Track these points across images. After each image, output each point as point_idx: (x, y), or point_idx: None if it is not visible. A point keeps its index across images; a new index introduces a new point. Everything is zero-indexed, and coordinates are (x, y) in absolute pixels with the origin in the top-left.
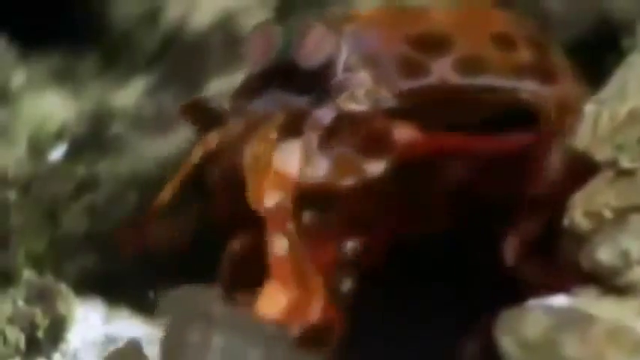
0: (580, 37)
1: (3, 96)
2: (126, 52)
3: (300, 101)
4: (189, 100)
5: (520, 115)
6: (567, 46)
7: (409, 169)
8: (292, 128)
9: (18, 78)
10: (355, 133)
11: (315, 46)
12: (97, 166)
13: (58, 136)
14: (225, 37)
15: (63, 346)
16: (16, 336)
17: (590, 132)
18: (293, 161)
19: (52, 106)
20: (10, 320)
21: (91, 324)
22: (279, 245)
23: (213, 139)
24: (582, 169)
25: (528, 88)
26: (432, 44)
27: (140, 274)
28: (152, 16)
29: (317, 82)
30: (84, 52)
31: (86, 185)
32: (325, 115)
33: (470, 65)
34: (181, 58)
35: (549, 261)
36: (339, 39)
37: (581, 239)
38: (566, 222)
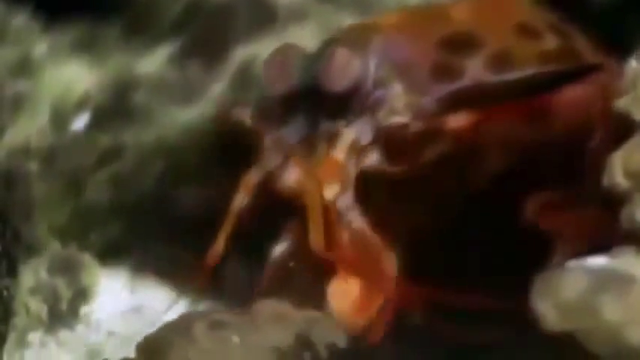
0: None
1: (25, 66)
2: (150, 19)
3: (334, 125)
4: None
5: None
6: (606, 5)
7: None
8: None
9: (40, 48)
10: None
11: (341, 70)
12: (120, 135)
13: (81, 105)
14: (251, 3)
15: (87, 317)
16: (39, 307)
17: (630, 90)
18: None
19: (74, 76)
20: (33, 291)
21: (115, 294)
22: (344, 236)
23: (252, 178)
24: (621, 128)
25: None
26: (461, 45)
27: (165, 243)
28: None
29: (348, 104)
30: (107, 21)
31: (110, 154)
32: (364, 133)
33: (500, 61)
34: (206, 24)
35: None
36: (366, 55)
37: (620, 199)
38: (605, 181)
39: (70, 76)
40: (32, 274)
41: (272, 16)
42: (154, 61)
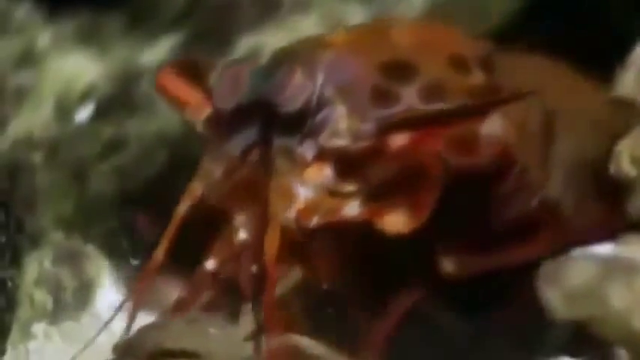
0: None
1: (29, 57)
2: (153, 10)
3: (289, 141)
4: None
5: None
6: None
7: None
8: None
9: (43, 39)
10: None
11: (294, 91)
12: (124, 126)
13: (85, 96)
14: None
15: (91, 309)
16: (44, 298)
17: (635, 77)
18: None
19: (78, 67)
20: (37, 282)
21: (119, 286)
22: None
23: (197, 188)
24: (627, 116)
25: None
26: (399, 72)
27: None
28: None
29: (299, 122)
30: (111, 11)
31: (114, 145)
32: (307, 152)
33: (433, 93)
34: (210, 15)
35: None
36: (314, 73)
37: (627, 186)
38: (612, 169)
39: (74, 67)
40: (36, 265)
41: (276, 6)
42: (157, 52)
